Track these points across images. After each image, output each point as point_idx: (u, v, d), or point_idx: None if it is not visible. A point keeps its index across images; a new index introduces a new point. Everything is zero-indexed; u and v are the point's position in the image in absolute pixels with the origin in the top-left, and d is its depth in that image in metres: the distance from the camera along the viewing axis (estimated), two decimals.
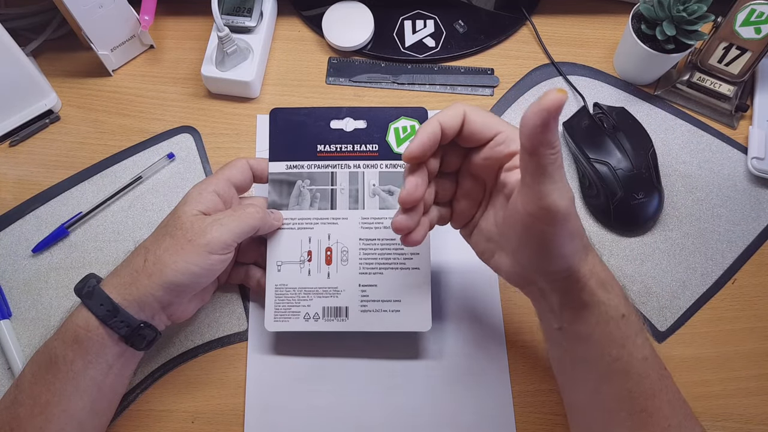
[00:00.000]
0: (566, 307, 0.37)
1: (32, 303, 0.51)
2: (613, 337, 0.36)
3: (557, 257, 0.35)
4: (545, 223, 0.33)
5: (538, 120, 0.29)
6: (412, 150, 0.36)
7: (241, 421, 0.48)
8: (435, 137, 0.36)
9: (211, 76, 0.56)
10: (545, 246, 0.34)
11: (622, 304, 0.37)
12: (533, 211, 0.33)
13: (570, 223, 0.33)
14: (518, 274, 0.38)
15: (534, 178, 0.32)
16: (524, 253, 0.36)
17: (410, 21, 0.62)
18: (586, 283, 0.36)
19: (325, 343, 0.49)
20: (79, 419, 0.40)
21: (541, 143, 0.30)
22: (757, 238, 0.54)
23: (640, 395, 0.36)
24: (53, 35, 0.60)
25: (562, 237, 0.33)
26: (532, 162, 0.31)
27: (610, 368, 0.37)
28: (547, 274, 0.36)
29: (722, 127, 0.58)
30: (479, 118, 0.36)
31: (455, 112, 0.36)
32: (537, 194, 0.32)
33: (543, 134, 0.29)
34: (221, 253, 0.42)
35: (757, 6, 0.52)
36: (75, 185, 0.55)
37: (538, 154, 0.30)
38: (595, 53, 0.62)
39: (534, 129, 0.29)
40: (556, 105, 0.28)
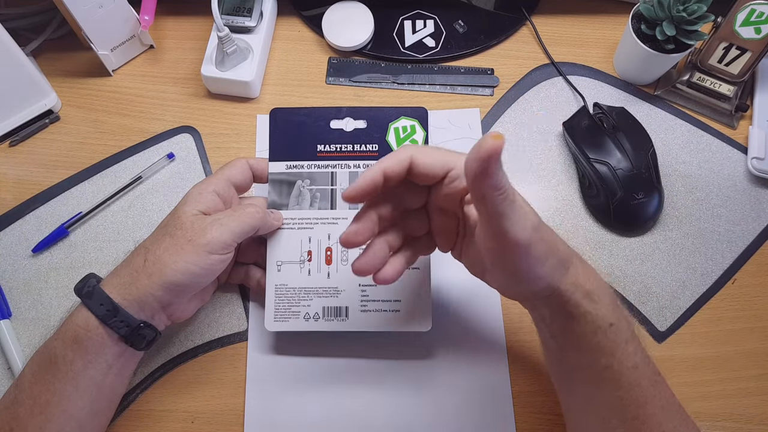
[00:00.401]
0: (555, 318, 0.38)
1: (32, 303, 0.51)
2: (601, 346, 0.36)
3: (532, 280, 0.35)
4: (510, 255, 0.34)
5: (478, 169, 0.29)
6: (349, 193, 0.36)
7: (241, 421, 0.48)
8: (375, 183, 0.36)
9: (211, 76, 0.56)
10: (517, 273, 0.35)
11: (609, 313, 0.37)
12: (493, 247, 0.34)
13: (536, 249, 0.34)
14: (510, 293, 0.39)
15: (489, 219, 0.32)
16: (501, 279, 0.37)
17: (410, 21, 0.62)
18: (570, 297, 0.36)
19: (325, 343, 0.49)
20: (78, 419, 0.40)
21: (488, 188, 0.30)
22: (757, 238, 0.54)
23: (631, 403, 0.37)
24: (53, 35, 0.60)
25: (530, 264, 0.34)
26: (482, 206, 0.32)
27: (601, 377, 0.37)
28: (529, 294, 0.37)
29: (722, 127, 0.58)
30: (427, 159, 0.37)
31: (400, 158, 0.36)
32: (494, 232, 0.33)
33: (486, 180, 0.30)
34: (221, 253, 0.42)
35: (757, 6, 0.52)
36: (75, 185, 0.55)
37: (486, 198, 0.31)
38: (595, 53, 0.62)
39: (476, 177, 0.30)
40: (492, 152, 0.28)
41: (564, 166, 0.57)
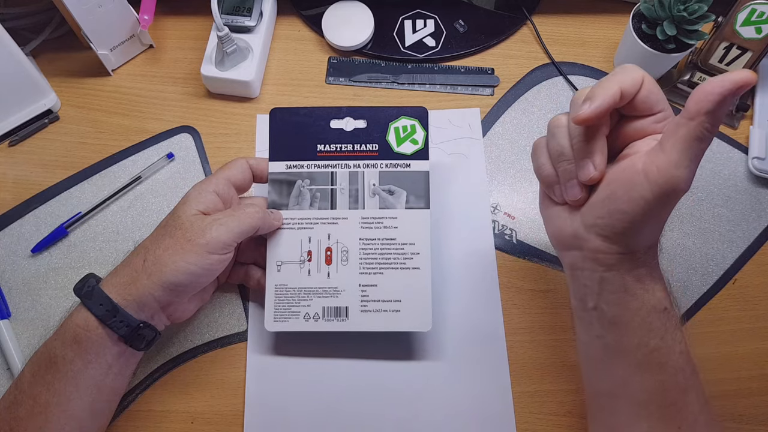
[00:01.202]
0: (607, 285, 0.36)
1: (31, 303, 0.51)
2: (653, 327, 0.36)
3: (634, 230, 0.34)
4: (655, 190, 0.32)
5: (717, 88, 0.29)
6: (593, 112, 0.32)
7: (241, 421, 0.47)
8: (614, 101, 0.33)
9: (211, 75, 0.56)
10: (634, 213, 0.33)
11: (665, 297, 0.36)
12: (654, 174, 0.32)
13: (669, 207, 0.33)
14: (574, 233, 0.36)
15: (676, 145, 0.31)
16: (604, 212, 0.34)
17: (410, 20, 0.62)
18: (637, 267, 0.35)
19: (325, 343, 0.49)
20: (78, 419, 0.40)
21: (706, 112, 0.29)
22: (757, 238, 0.54)
23: (672, 388, 0.36)
24: (53, 35, 0.60)
25: (656, 213, 0.33)
26: (685, 127, 0.30)
27: (646, 359, 0.36)
28: (609, 243, 0.35)
29: (723, 127, 0.58)
30: (655, 88, 0.34)
31: (635, 78, 0.33)
32: (669, 161, 0.31)
33: (713, 104, 0.29)
34: (221, 253, 0.42)
35: (758, 6, 0.52)
36: (74, 185, 0.55)
37: (695, 121, 0.30)
38: (596, 53, 0.62)
39: (708, 95, 0.29)
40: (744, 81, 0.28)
41: None
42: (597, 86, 0.33)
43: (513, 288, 0.52)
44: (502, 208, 0.55)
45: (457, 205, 0.54)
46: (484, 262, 0.52)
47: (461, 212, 0.54)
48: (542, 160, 0.38)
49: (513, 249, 0.53)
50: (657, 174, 0.32)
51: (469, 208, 0.55)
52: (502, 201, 0.55)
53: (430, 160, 0.48)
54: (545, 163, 0.38)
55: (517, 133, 0.58)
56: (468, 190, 0.55)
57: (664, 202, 0.32)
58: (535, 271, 0.53)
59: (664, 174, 0.31)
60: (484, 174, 0.56)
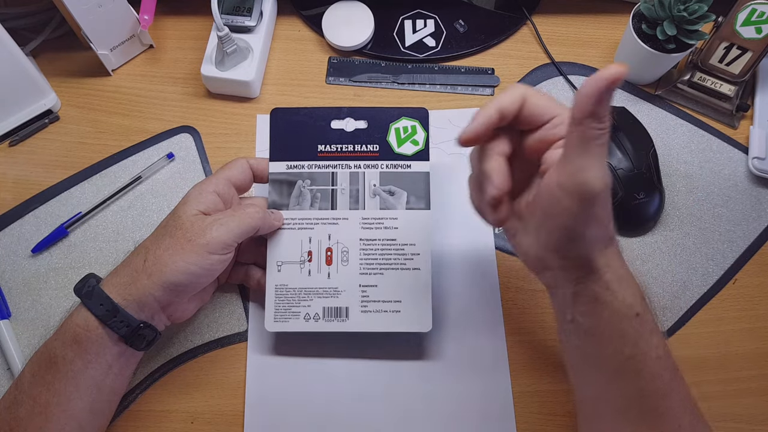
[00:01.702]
0: (579, 298, 0.36)
1: (32, 303, 0.51)
2: (626, 334, 0.36)
3: (576, 240, 0.34)
4: (574, 199, 0.32)
5: (591, 89, 0.29)
6: (465, 135, 0.35)
7: (241, 421, 0.47)
8: (490, 122, 0.35)
9: (211, 75, 0.56)
10: (567, 225, 0.34)
11: (637, 303, 0.36)
12: (566, 183, 0.33)
13: (597, 208, 0.33)
14: (536, 256, 0.38)
15: (574, 151, 0.32)
16: (545, 231, 0.36)
17: (410, 20, 0.62)
18: (601, 275, 0.35)
19: (325, 343, 0.49)
20: (78, 419, 0.40)
21: (590, 114, 0.30)
22: (758, 238, 0.54)
23: (651, 394, 0.36)
24: (52, 35, 0.60)
25: (586, 219, 0.33)
26: (576, 132, 0.31)
27: (622, 366, 0.36)
28: (564, 258, 0.36)
29: (723, 127, 0.58)
30: (539, 101, 0.35)
31: (514, 97, 0.35)
32: (574, 168, 0.32)
33: (593, 105, 0.30)
34: (221, 253, 0.42)
35: (758, 6, 0.52)
36: (74, 185, 0.55)
37: (583, 125, 0.31)
38: (596, 53, 0.62)
39: (586, 98, 0.30)
40: (614, 76, 0.29)
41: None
42: (479, 110, 0.35)
43: (513, 288, 0.52)
44: None
45: (457, 206, 0.54)
46: (484, 262, 0.52)
47: (461, 212, 0.54)
48: (470, 193, 0.40)
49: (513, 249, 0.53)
50: (570, 183, 0.32)
51: (469, 208, 0.54)
52: None
53: (431, 161, 0.48)
54: (473, 195, 0.40)
55: None
56: None
57: (588, 206, 0.33)
58: None
59: (576, 181, 0.32)
60: None
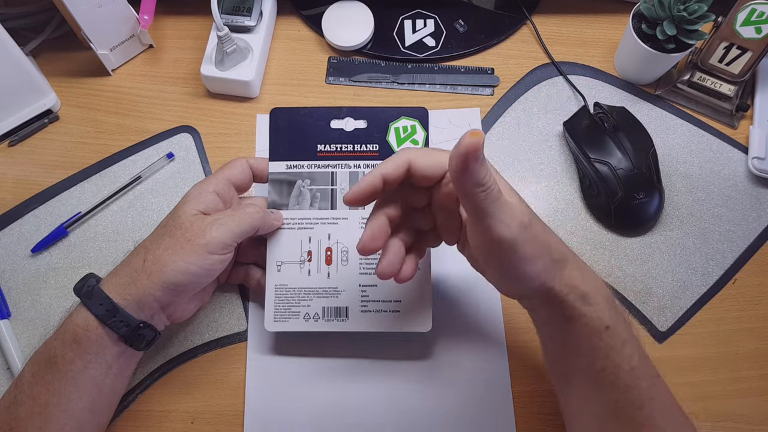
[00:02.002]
0: (551, 319, 0.38)
1: (31, 303, 0.51)
2: (597, 349, 0.36)
3: (523, 279, 0.36)
4: (497, 253, 0.34)
5: (458, 165, 0.30)
6: (349, 197, 0.37)
7: (241, 421, 0.47)
8: (374, 187, 0.37)
9: (211, 75, 0.56)
10: (506, 271, 0.36)
11: (605, 316, 0.36)
12: (480, 245, 0.35)
13: (523, 247, 0.34)
14: (504, 290, 0.40)
15: (474, 216, 0.33)
16: (495, 276, 0.38)
17: (410, 20, 0.62)
18: (564, 298, 0.36)
19: (325, 343, 0.49)
20: (78, 419, 0.40)
21: (469, 185, 0.31)
22: (757, 238, 0.54)
23: (628, 405, 0.37)
24: (52, 35, 0.60)
25: (518, 261, 0.35)
26: (466, 203, 0.33)
27: (597, 379, 0.37)
28: (525, 292, 0.38)
29: (723, 127, 0.58)
30: (424, 162, 0.37)
31: (397, 163, 0.37)
32: (480, 230, 0.34)
33: (467, 177, 0.31)
34: (221, 253, 0.42)
35: (758, 6, 0.52)
36: (74, 185, 0.55)
37: (469, 196, 0.32)
38: (596, 53, 0.62)
39: (457, 174, 0.31)
40: (471, 148, 0.30)
41: (564, 166, 0.57)
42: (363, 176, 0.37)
43: None
44: None
45: None
46: None
47: None
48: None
49: None
50: (484, 244, 0.35)
51: None
52: None
53: None
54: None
55: (517, 133, 0.58)
56: None
57: (513, 251, 0.34)
58: None
59: (487, 241, 0.34)
60: None
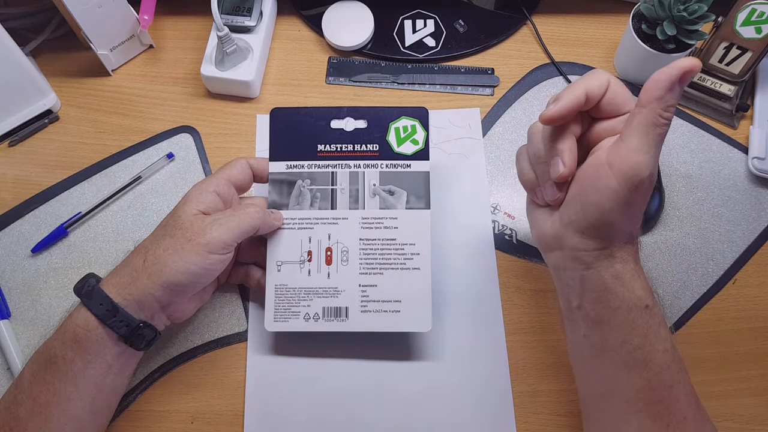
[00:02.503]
0: (587, 284, 0.37)
1: (31, 303, 0.51)
2: (635, 325, 0.36)
3: (605, 224, 0.35)
4: (620, 179, 0.33)
5: (664, 76, 0.31)
6: (552, 113, 0.35)
7: (241, 421, 0.47)
8: (579, 103, 0.35)
9: (211, 75, 0.56)
10: (603, 205, 0.34)
11: (647, 295, 0.36)
12: (616, 162, 0.33)
13: (637, 196, 0.34)
14: (554, 234, 0.38)
15: (633, 132, 0.33)
16: (578, 207, 0.36)
17: (410, 20, 0.62)
18: (614, 264, 0.36)
19: (325, 343, 0.49)
20: (78, 419, 0.40)
21: (657, 98, 0.31)
22: (758, 238, 0.54)
23: (658, 386, 0.36)
24: (52, 35, 0.60)
25: (623, 204, 0.34)
26: (639, 115, 0.32)
27: (631, 357, 0.36)
28: (585, 240, 0.36)
29: (723, 127, 0.58)
30: (621, 91, 0.36)
31: (601, 81, 0.36)
32: (628, 148, 0.33)
33: (663, 90, 0.31)
34: (221, 253, 0.42)
35: (758, 6, 0.52)
36: (74, 185, 0.55)
37: (648, 108, 0.32)
38: (596, 53, 0.62)
39: (657, 83, 0.31)
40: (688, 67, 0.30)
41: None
42: (565, 89, 0.36)
43: (513, 288, 0.52)
44: (502, 208, 0.55)
45: (457, 205, 0.54)
46: (484, 262, 0.52)
47: (461, 212, 0.54)
48: (523, 165, 0.40)
49: (513, 249, 0.53)
50: (620, 162, 0.33)
51: (469, 208, 0.55)
52: (502, 201, 0.55)
53: (431, 161, 0.48)
54: (526, 168, 0.40)
55: (517, 133, 0.58)
56: (468, 190, 0.55)
57: (630, 190, 0.33)
58: (535, 271, 0.53)
59: (626, 161, 0.33)
60: (484, 174, 0.56)
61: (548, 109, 0.35)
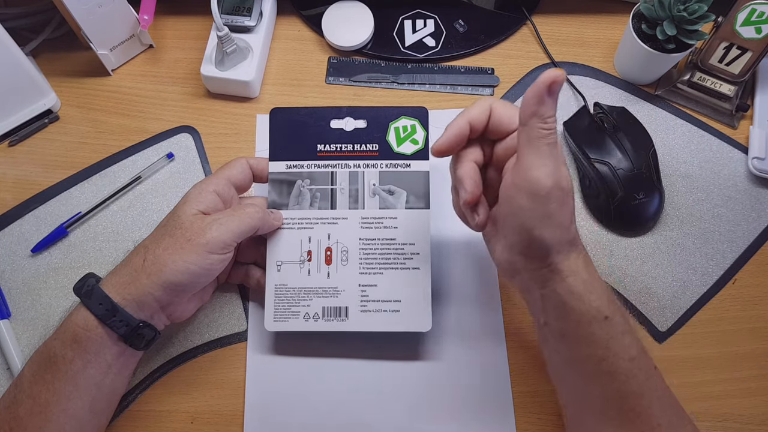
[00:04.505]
0: (547, 301, 0.37)
1: (31, 303, 0.51)
2: (596, 337, 0.36)
3: (534, 240, 0.35)
4: (526, 195, 0.34)
5: (532, 92, 0.32)
6: (438, 146, 0.38)
7: (241, 421, 0.47)
8: (462, 133, 0.37)
9: (211, 75, 0.56)
10: (524, 223, 0.35)
11: (604, 306, 0.36)
12: (517, 181, 0.35)
13: (550, 205, 0.34)
14: (506, 260, 0.39)
15: (524, 150, 0.34)
16: (509, 231, 0.37)
17: (410, 20, 0.62)
18: (565, 279, 0.36)
19: (325, 343, 0.49)
20: (78, 419, 0.40)
21: (533, 114, 0.32)
22: (757, 238, 0.54)
23: (628, 395, 0.37)
24: (52, 35, 0.60)
25: (540, 216, 0.34)
26: (523, 133, 0.33)
27: (597, 368, 0.37)
28: (527, 260, 0.37)
29: (723, 127, 0.58)
30: (505, 111, 0.38)
31: (482, 108, 0.38)
32: (524, 166, 0.34)
33: (535, 106, 0.32)
34: (220, 253, 0.42)
35: (758, 6, 0.52)
36: (74, 185, 0.55)
37: (528, 125, 0.33)
38: (596, 53, 0.62)
39: (528, 100, 0.32)
40: (553, 78, 0.31)
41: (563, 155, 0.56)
42: (450, 123, 0.38)
43: (513, 288, 0.52)
44: None
45: None
46: (484, 262, 0.52)
47: None
48: (453, 197, 0.42)
49: None
50: (520, 180, 0.34)
51: None
52: None
53: (431, 161, 0.48)
54: (454, 199, 0.42)
55: None
56: None
57: (542, 203, 0.34)
58: None
59: (526, 178, 0.34)
60: None
61: (436, 141, 0.38)
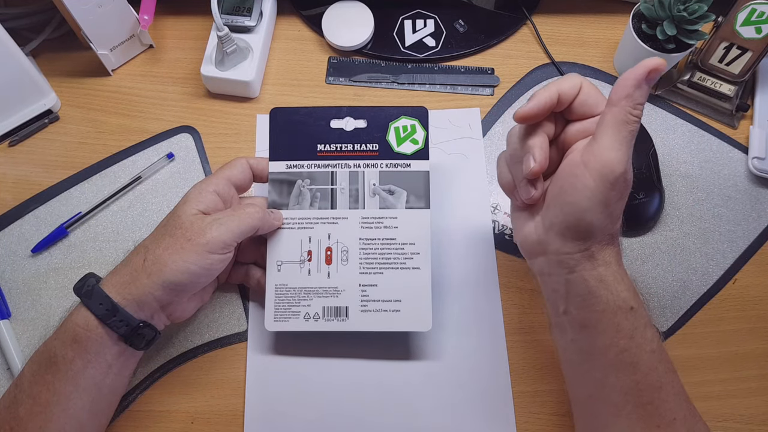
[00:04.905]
0: (572, 288, 0.37)
1: (31, 303, 0.51)
2: (621, 327, 0.36)
3: (583, 223, 0.35)
4: (594, 176, 0.34)
5: (632, 74, 0.32)
6: (524, 112, 0.36)
7: (241, 421, 0.47)
8: (551, 102, 0.37)
9: (211, 75, 0.56)
10: (581, 204, 0.35)
11: (631, 297, 0.37)
12: (590, 161, 0.34)
13: (612, 194, 0.34)
14: (537, 239, 0.39)
15: (605, 131, 0.34)
16: (557, 209, 0.37)
17: (410, 20, 0.62)
18: (596, 267, 0.36)
19: (325, 343, 0.49)
20: (78, 419, 0.40)
21: (627, 96, 0.33)
22: (758, 238, 0.54)
23: (647, 387, 0.36)
24: (52, 35, 0.60)
25: (600, 201, 0.34)
26: (610, 113, 0.33)
27: (618, 359, 0.37)
28: (565, 242, 0.37)
29: (723, 127, 0.58)
30: (594, 93, 0.37)
31: (573, 83, 0.37)
32: (601, 147, 0.34)
33: (631, 88, 0.32)
34: (221, 253, 0.42)
35: (758, 6, 0.52)
36: (74, 185, 0.55)
37: (618, 107, 0.33)
38: (596, 53, 0.62)
39: (625, 81, 0.32)
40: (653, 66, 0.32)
41: None
42: (538, 91, 0.37)
43: (513, 288, 0.52)
44: (502, 208, 0.55)
45: (457, 205, 0.54)
46: (484, 262, 0.52)
47: (461, 212, 0.54)
48: (502, 168, 0.41)
49: (513, 249, 0.53)
50: (594, 160, 0.34)
51: (469, 208, 0.55)
52: (502, 201, 0.55)
53: (430, 160, 0.48)
54: (504, 171, 0.41)
55: None
56: (468, 190, 0.55)
57: (606, 187, 0.34)
58: None
59: (600, 159, 0.34)
60: (484, 174, 0.56)
61: (522, 107, 0.37)
